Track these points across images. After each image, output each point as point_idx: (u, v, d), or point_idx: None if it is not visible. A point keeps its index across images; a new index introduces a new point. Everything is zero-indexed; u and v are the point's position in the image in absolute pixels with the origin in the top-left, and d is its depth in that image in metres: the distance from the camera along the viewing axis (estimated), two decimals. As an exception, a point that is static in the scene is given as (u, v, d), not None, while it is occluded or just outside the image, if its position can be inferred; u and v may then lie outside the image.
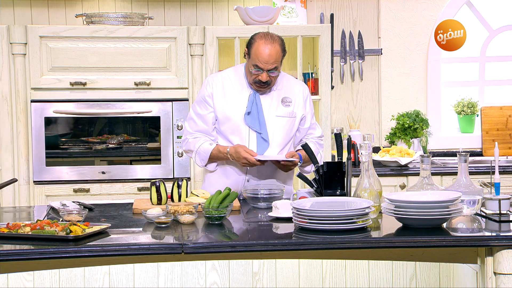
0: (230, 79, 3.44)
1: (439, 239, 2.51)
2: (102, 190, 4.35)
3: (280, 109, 3.42)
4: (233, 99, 3.40)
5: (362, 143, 2.88)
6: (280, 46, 3.30)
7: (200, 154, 3.39)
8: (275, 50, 3.27)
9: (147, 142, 4.42)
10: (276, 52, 3.27)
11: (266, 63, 3.27)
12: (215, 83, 3.42)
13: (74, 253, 2.42)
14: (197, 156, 3.41)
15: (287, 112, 3.43)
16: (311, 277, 2.93)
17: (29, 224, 2.60)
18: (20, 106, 4.25)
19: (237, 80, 3.43)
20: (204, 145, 3.38)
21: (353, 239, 2.51)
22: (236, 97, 3.40)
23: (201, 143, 3.39)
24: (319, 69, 4.53)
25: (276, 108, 3.42)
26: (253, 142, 3.38)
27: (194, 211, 2.83)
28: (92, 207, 3.17)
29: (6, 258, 2.41)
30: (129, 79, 4.33)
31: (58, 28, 4.28)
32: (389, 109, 5.05)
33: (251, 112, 3.36)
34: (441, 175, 4.52)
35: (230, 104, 3.39)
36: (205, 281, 2.89)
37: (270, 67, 3.28)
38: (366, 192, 2.83)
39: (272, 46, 3.27)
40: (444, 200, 2.63)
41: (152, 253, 2.46)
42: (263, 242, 2.56)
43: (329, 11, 4.95)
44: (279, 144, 3.42)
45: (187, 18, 4.82)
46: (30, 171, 4.29)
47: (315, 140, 3.52)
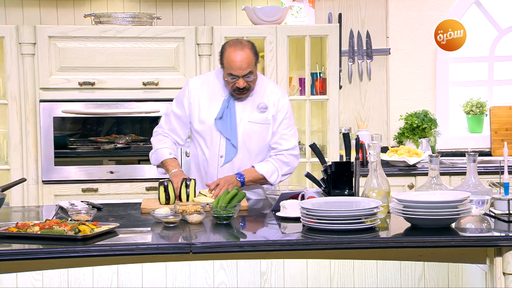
0: (210, 83, 3.46)
1: (448, 239, 2.50)
2: (110, 189, 4.36)
3: (254, 115, 3.41)
4: (209, 103, 3.42)
5: (370, 143, 2.88)
6: (250, 50, 3.31)
7: (157, 154, 3.45)
8: (246, 55, 3.28)
9: (155, 142, 4.42)
10: (248, 57, 3.28)
11: (240, 69, 3.28)
12: (194, 87, 3.45)
13: (83, 252, 2.43)
14: (154, 155, 3.47)
15: (261, 118, 3.42)
16: (319, 277, 2.93)
17: (38, 223, 2.61)
18: (29, 106, 4.27)
19: (216, 84, 3.45)
20: (164, 150, 3.42)
21: (362, 239, 2.51)
22: (212, 101, 3.42)
23: (163, 146, 3.43)
24: (327, 69, 4.52)
25: (250, 114, 3.41)
26: (223, 147, 3.41)
27: (202, 210, 2.83)
28: (100, 206, 3.17)
29: (15, 257, 2.42)
30: (137, 79, 4.34)
31: (66, 28, 4.29)
32: (397, 109, 5.04)
33: (222, 117, 3.38)
34: (449, 175, 4.51)
35: (205, 108, 3.42)
36: (213, 280, 2.89)
37: (245, 72, 3.29)
38: (375, 192, 2.82)
39: (242, 52, 3.28)
40: (453, 200, 2.62)
41: (160, 252, 2.46)
42: (271, 242, 2.56)
43: (337, 11, 4.94)
44: (250, 150, 3.42)
45: (195, 18, 4.82)
46: (39, 171, 4.30)
47: (277, 157, 3.42)
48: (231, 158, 3.40)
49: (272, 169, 3.39)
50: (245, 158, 3.41)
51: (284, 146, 3.44)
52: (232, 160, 3.40)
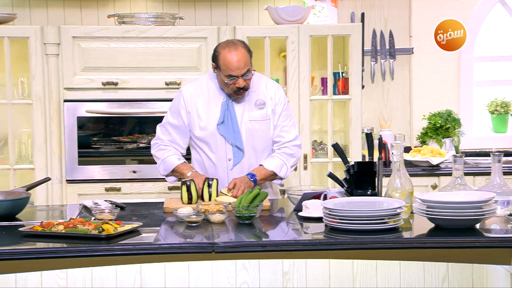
0: (204, 89, 3.45)
1: (472, 240, 2.48)
2: (133, 189, 4.39)
3: (254, 113, 3.42)
4: (207, 109, 3.42)
5: (393, 143, 2.86)
6: (244, 49, 3.33)
7: (165, 164, 3.44)
8: (241, 54, 3.29)
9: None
10: (244, 56, 3.30)
11: (238, 69, 3.28)
12: (188, 95, 3.44)
13: (106, 251, 2.45)
14: (162, 165, 3.46)
15: (261, 114, 3.42)
16: (342, 277, 2.92)
17: (63, 222, 2.63)
18: (53, 106, 4.31)
19: (211, 88, 3.44)
20: (172, 158, 3.42)
21: (385, 239, 2.49)
22: (210, 106, 3.41)
23: (169, 154, 3.43)
24: (349, 69, 4.50)
25: (250, 112, 3.42)
26: (230, 150, 3.41)
27: (225, 210, 2.84)
28: (123, 206, 3.19)
29: (40, 256, 2.44)
30: (160, 79, 4.36)
31: (90, 29, 4.33)
32: (420, 108, 5.00)
33: (224, 121, 3.38)
34: (473, 175, 4.46)
35: (204, 114, 3.41)
36: (235, 280, 2.89)
37: (243, 71, 3.30)
38: (398, 192, 2.81)
39: (238, 52, 3.29)
40: (478, 201, 2.60)
41: (183, 252, 2.47)
42: (294, 241, 2.56)
43: (360, 10, 4.92)
44: (256, 149, 3.43)
45: (217, 18, 4.83)
46: (62, 170, 4.34)
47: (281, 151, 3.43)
48: (239, 160, 3.41)
49: (280, 164, 3.41)
50: (252, 158, 3.43)
51: (287, 138, 3.46)
52: (241, 162, 3.41)
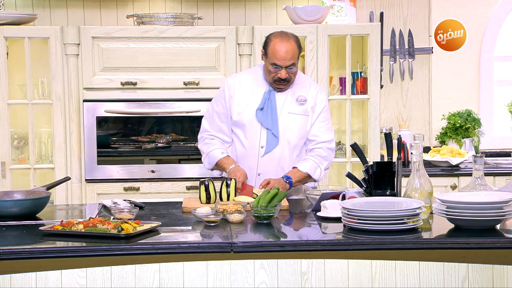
0: (248, 79, 3.51)
1: (493, 241, 2.46)
2: (152, 188, 4.40)
3: (293, 107, 3.45)
4: (249, 96, 3.46)
5: (413, 143, 2.84)
6: (295, 43, 3.38)
7: (209, 157, 3.49)
8: (291, 46, 3.34)
9: (195, 142, 4.43)
10: (293, 49, 3.34)
11: (284, 60, 3.33)
12: (232, 84, 3.50)
13: (126, 250, 2.46)
14: (206, 159, 3.51)
15: (301, 110, 3.46)
16: (361, 277, 2.90)
17: (82, 221, 2.65)
18: (73, 106, 4.33)
19: (254, 79, 3.50)
20: (216, 151, 3.46)
21: (404, 239, 2.48)
22: (252, 94, 3.46)
23: (213, 148, 3.47)
24: (368, 68, 4.48)
25: (290, 105, 3.45)
26: (264, 137, 3.43)
27: (243, 210, 2.84)
28: (142, 205, 3.20)
29: (60, 255, 2.46)
30: (179, 79, 4.37)
31: (109, 29, 4.35)
32: (439, 108, 4.97)
33: (263, 108, 3.42)
34: (494, 175, 4.42)
35: (245, 100, 3.45)
36: (253, 280, 2.89)
37: (288, 63, 3.34)
38: (417, 193, 2.79)
39: (288, 43, 3.34)
40: (498, 201, 2.57)
41: (201, 251, 2.48)
42: (312, 241, 2.55)
43: (378, 10, 4.90)
44: (290, 142, 3.44)
45: (235, 18, 4.84)
46: (82, 170, 4.37)
47: (315, 153, 3.44)
48: (272, 148, 3.42)
49: (314, 166, 3.42)
50: (285, 149, 3.44)
51: (322, 138, 3.47)
52: (273, 151, 3.42)
